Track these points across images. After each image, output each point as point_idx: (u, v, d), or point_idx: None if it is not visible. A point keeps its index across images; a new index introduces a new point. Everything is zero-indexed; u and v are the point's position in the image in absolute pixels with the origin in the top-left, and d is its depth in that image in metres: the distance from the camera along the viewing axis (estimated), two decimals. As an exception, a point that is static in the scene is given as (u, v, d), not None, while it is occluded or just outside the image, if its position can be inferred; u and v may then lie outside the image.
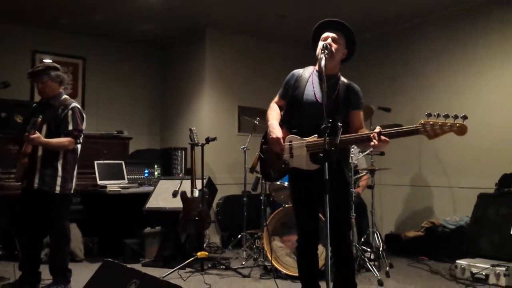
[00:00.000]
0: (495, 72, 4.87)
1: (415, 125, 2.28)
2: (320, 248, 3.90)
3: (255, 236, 4.80)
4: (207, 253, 4.28)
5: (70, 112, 3.47)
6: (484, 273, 3.81)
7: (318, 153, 2.34)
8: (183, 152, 5.89)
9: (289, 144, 2.65)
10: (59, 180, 3.43)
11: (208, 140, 4.44)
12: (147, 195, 5.00)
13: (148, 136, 6.77)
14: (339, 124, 2.37)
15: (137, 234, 5.07)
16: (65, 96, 3.62)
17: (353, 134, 2.49)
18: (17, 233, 3.63)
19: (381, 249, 4.41)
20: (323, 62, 2.42)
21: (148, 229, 5.09)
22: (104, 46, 6.47)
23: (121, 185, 5.02)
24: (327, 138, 2.27)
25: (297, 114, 2.67)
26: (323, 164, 2.25)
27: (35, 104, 3.75)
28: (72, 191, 3.58)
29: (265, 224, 4.15)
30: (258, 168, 3.07)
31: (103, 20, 5.79)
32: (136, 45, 6.73)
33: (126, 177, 5.30)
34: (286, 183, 4.32)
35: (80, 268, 4.52)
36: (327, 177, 2.22)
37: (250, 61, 6.39)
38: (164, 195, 4.87)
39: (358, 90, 2.67)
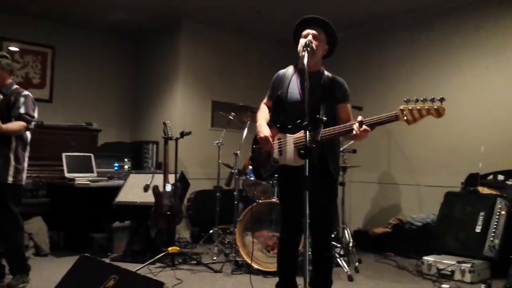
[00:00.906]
0: (462, 74, 5.02)
1: (394, 112, 2.33)
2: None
3: (227, 231, 4.78)
4: (178, 248, 4.23)
5: (22, 99, 3.39)
6: (450, 270, 3.94)
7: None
8: (155, 145, 5.81)
9: (278, 142, 2.66)
10: (11, 170, 3.31)
11: (182, 134, 4.39)
12: (117, 189, 4.90)
13: (117, 129, 6.63)
14: (323, 118, 2.38)
15: (105, 228, 4.98)
16: (16, 86, 3.52)
17: (334, 127, 2.51)
18: None
19: (350, 245, 4.48)
20: (305, 60, 2.43)
21: (116, 224, 5.00)
22: (74, 34, 6.28)
23: (90, 178, 4.91)
24: (310, 134, 2.29)
25: (283, 113, 2.72)
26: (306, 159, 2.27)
27: None
28: (23, 182, 3.46)
29: (237, 219, 4.14)
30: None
31: (73, 7, 5.62)
32: (108, 34, 6.57)
33: (95, 170, 5.18)
34: (259, 179, 4.35)
35: (45, 263, 4.41)
36: (307, 174, 2.23)
37: (225, 56, 6.35)
38: (135, 189, 4.79)
39: (342, 82, 2.71)
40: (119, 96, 6.75)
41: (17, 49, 5.83)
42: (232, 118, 5.02)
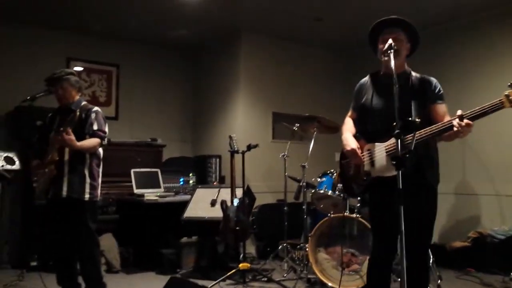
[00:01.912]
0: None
1: (498, 99, 2.12)
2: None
3: (298, 247, 4.63)
4: (248, 265, 4.14)
5: (93, 115, 3.39)
6: (545, 288, 3.61)
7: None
8: (217, 159, 5.78)
9: (368, 153, 2.52)
10: (87, 186, 3.33)
11: (249, 147, 4.33)
12: (183, 204, 4.90)
13: (180, 144, 6.69)
14: (416, 120, 2.21)
15: (173, 244, 4.97)
16: (84, 102, 3.55)
17: (430, 127, 2.31)
18: (51, 247, 3.52)
19: (430, 261, 4.20)
20: (392, 63, 2.27)
21: (185, 239, 4.98)
22: (137, 52, 6.42)
23: (158, 194, 4.94)
24: (402, 142, 2.13)
25: (370, 122, 2.60)
26: (406, 168, 2.12)
27: (50, 114, 3.65)
28: (98, 198, 3.48)
29: (309, 235, 3.99)
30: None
31: (136, 26, 5.75)
32: (168, 50, 6.68)
33: (162, 185, 5.21)
34: (330, 192, 4.19)
35: (118, 280, 4.44)
36: (400, 186, 2.07)
37: (286, 66, 6.28)
38: (202, 204, 4.77)
39: (434, 81, 2.55)
40: (180, 111, 6.82)
41: (81, 68, 5.99)
42: (296, 129, 4.88)
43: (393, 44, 2.36)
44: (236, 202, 4.31)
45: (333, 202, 4.19)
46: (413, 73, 2.59)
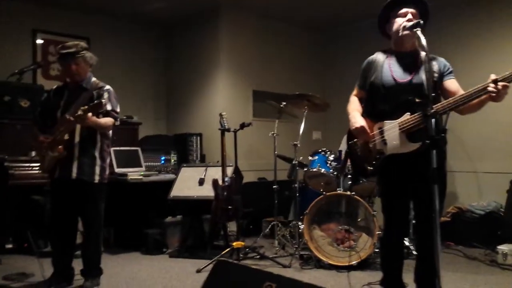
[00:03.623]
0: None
1: None
2: (365, 237, 3.86)
3: (290, 224, 4.63)
4: (243, 243, 4.10)
5: (106, 94, 3.22)
6: (528, 259, 3.81)
7: (416, 131, 2.33)
8: (198, 138, 5.65)
9: (379, 130, 2.50)
10: (97, 169, 3.20)
11: (243, 126, 4.24)
12: (167, 183, 4.78)
13: (153, 121, 6.48)
14: (431, 94, 2.20)
15: (157, 224, 4.84)
16: (94, 78, 3.36)
17: (460, 95, 2.28)
18: (49, 227, 3.36)
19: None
20: (423, 39, 2.24)
21: (169, 218, 4.87)
22: (108, 26, 6.11)
23: (141, 173, 4.77)
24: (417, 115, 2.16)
25: (379, 100, 2.56)
26: (424, 143, 2.16)
27: (55, 87, 3.43)
28: (107, 180, 3.34)
29: (305, 212, 3.99)
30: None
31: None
32: (143, 25, 6.40)
33: (143, 164, 5.04)
34: (323, 170, 4.21)
35: (103, 261, 4.24)
36: (435, 165, 2.08)
37: (266, 43, 6.18)
38: (189, 183, 4.66)
39: (442, 59, 2.56)
40: (153, 88, 6.59)
41: (41, 41, 5.62)
42: (282, 107, 4.83)
43: (421, 21, 2.33)
44: (227, 181, 4.24)
45: (326, 180, 4.21)
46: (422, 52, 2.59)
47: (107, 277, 3.54)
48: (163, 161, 5.34)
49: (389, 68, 2.57)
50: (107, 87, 3.29)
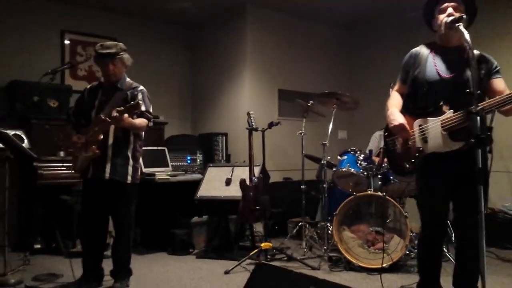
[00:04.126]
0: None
1: None
2: (396, 239, 3.77)
3: (318, 225, 4.56)
4: (271, 244, 4.05)
5: (140, 95, 3.22)
6: None
7: (459, 130, 2.28)
8: (224, 137, 5.62)
9: (420, 128, 2.43)
10: (130, 169, 3.19)
11: (271, 125, 4.20)
12: (194, 183, 4.77)
13: (178, 121, 6.47)
14: (477, 92, 2.11)
15: (183, 224, 4.83)
16: (128, 78, 3.36)
17: (510, 93, 2.22)
18: (80, 227, 3.37)
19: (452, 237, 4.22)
20: (466, 34, 2.16)
21: (195, 219, 4.85)
22: (135, 25, 6.12)
23: (168, 173, 4.76)
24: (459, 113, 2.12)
25: (422, 95, 2.47)
26: (468, 142, 2.11)
27: (89, 87, 3.44)
28: (139, 181, 3.33)
29: (334, 213, 3.92)
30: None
31: (135, -2, 5.46)
32: (169, 24, 6.40)
33: (169, 164, 5.03)
34: (352, 170, 4.13)
35: (132, 261, 4.27)
36: (480, 165, 1.99)
37: (292, 42, 6.11)
38: (216, 183, 4.63)
39: (489, 56, 2.47)
40: (179, 88, 6.59)
41: (68, 42, 5.66)
42: (310, 106, 4.75)
43: (464, 16, 2.25)
44: (254, 181, 4.19)
45: (356, 180, 4.13)
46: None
47: (135, 278, 3.52)
48: (189, 161, 5.33)
49: (433, 62, 2.49)
50: (141, 87, 3.28)
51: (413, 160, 2.48)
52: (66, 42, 5.64)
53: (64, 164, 4.58)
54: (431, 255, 2.59)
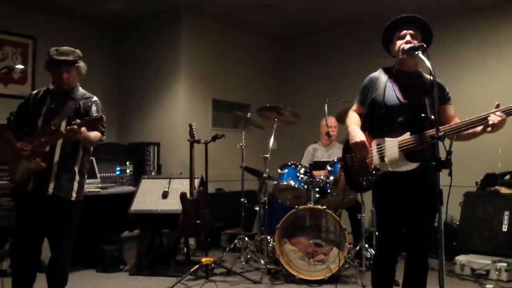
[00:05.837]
0: (477, 70, 5.13)
1: None
2: (335, 251, 3.88)
3: (258, 238, 4.54)
4: (212, 259, 3.97)
5: (94, 107, 3.00)
6: (485, 269, 4.01)
7: (415, 151, 2.40)
8: (156, 147, 5.41)
9: (378, 147, 2.51)
10: (76, 185, 2.91)
11: (215, 138, 4.13)
12: (126, 196, 4.54)
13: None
14: (431, 117, 2.24)
15: (113, 239, 4.58)
16: (80, 88, 3.10)
17: (462, 121, 2.35)
18: (12, 246, 3.03)
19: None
20: (427, 62, 2.27)
21: (126, 233, 4.62)
22: (58, 25, 5.69)
23: (98, 185, 4.47)
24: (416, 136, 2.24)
25: (379, 117, 2.56)
26: (422, 163, 2.25)
27: (35, 92, 3.11)
28: (83, 198, 3.07)
29: (276, 226, 3.94)
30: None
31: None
32: (95, 25, 6.04)
33: (98, 175, 4.73)
34: (293, 183, 4.18)
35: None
36: (440, 187, 2.12)
37: (228, 52, 6.08)
38: (151, 196, 4.45)
39: (442, 83, 2.61)
40: (104, 93, 6.18)
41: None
42: (249, 117, 4.76)
43: (424, 45, 2.37)
44: (195, 194, 4.09)
45: (296, 193, 4.19)
46: (423, 73, 2.64)
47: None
48: (118, 172, 5.05)
49: (392, 87, 2.59)
50: (94, 98, 3.05)
51: (369, 177, 2.56)
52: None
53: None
54: (385, 270, 2.67)
